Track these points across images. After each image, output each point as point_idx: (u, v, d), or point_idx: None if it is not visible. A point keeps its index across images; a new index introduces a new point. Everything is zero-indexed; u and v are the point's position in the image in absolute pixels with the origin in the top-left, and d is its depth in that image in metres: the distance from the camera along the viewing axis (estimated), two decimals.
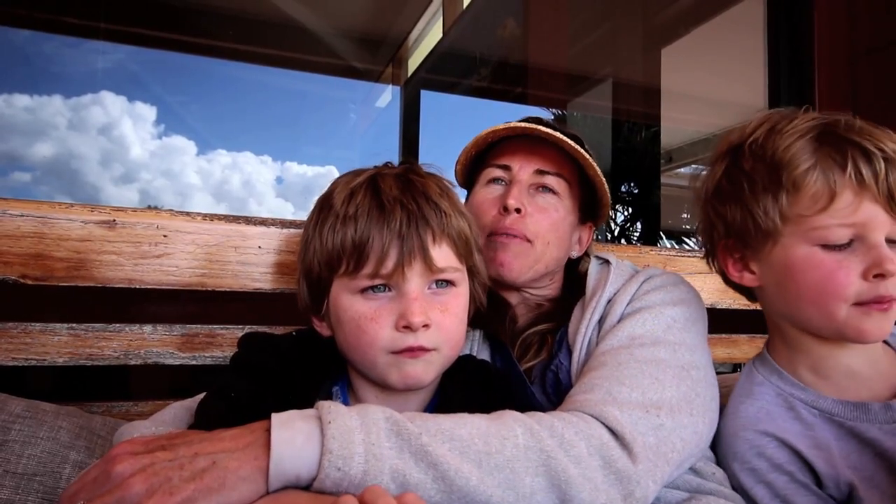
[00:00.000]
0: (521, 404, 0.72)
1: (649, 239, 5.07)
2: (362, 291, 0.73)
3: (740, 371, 1.02)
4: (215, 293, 1.05)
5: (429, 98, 4.62)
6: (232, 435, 0.60)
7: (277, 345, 0.80)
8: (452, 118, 5.05)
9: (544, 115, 4.35)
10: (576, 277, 1.05)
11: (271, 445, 0.57)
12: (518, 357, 0.95)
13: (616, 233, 5.33)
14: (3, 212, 0.94)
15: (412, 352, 0.72)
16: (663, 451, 0.71)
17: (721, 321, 1.29)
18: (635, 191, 5.22)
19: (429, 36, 4.48)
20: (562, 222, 0.99)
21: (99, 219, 0.99)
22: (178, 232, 1.03)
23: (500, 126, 0.98)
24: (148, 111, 5.54)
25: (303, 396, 0.70)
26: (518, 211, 0.95)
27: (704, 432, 0.79)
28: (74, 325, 0.98)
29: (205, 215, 1.05)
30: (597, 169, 0.97)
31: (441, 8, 4.18)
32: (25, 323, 0.96)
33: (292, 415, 0.61)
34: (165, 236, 1.02)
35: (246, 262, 1.06)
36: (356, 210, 0.73)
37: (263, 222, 1.08)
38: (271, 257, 1.08)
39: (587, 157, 0.95)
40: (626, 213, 5.36)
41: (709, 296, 1.37)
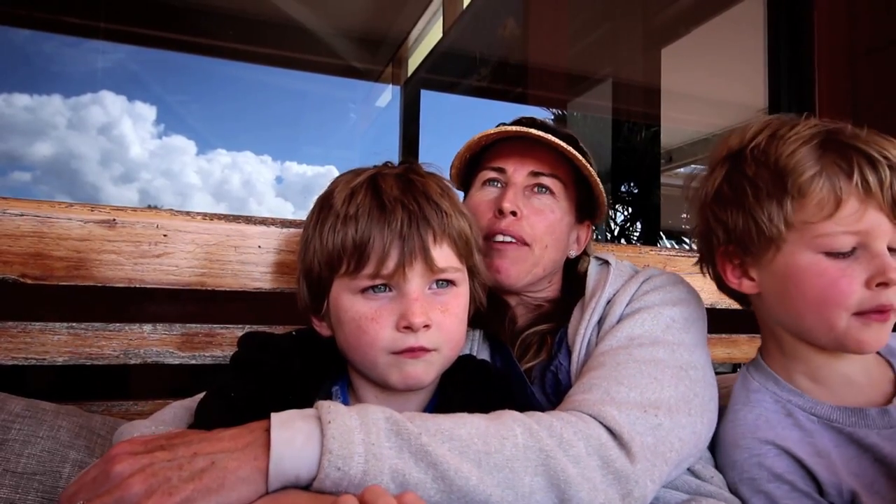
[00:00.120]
0: (520, 404, 0.72)
1: (649, 239, 5.07)
2: (363, 291, 0.73)
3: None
4: (215, 293, 1.05)
5: (429, 98, 4.63)
6: (231, 435, 0.60)
7: (277, 344, 0.80)
8: (452, 118, 5.05)
9: (544, 115, 4.36)
10: (575, 278, 1.04)
11: (271, 445, 0.57)
12: (518, 357, 0.95)
13: (616, 233, 5.33)
14: (2, 211, 0.94)
15: (413, 352, 0.72)
16: (661, 451, 0.71)
17: (721, 321, 1.29)
18: (635, 191, 5.22)
19: (429, 36, 4.48)
20: (558, 223, 0.98)
21: (99, 218, 0.99)
22: (178, 231, 1.03)
23: (492, 130, 0.97)
24: (148, 111, 5.56)
25: (303, 396, 0.70)
26: (514, 214, 0.94)
27: (703, 432, 0.79)
28: (74, 324, 0.98)
29: (205, 215, 1.05)
30: (590, 169, 0.96)
31: (441, 8, 4.18)
32: (25, 322, 0.96)
33: (292, 414, 0.61)
34: (165, 236, 1.02)
35: (246, 261, 1.06)
36: (357, 210, 0.73)
37: (263, 222, 1.08)
38: (271, 257, 1.08)
39: (580, 157, 0.95)
40: (626, 213, 5.35)
41: (709, 296, 1.36)
